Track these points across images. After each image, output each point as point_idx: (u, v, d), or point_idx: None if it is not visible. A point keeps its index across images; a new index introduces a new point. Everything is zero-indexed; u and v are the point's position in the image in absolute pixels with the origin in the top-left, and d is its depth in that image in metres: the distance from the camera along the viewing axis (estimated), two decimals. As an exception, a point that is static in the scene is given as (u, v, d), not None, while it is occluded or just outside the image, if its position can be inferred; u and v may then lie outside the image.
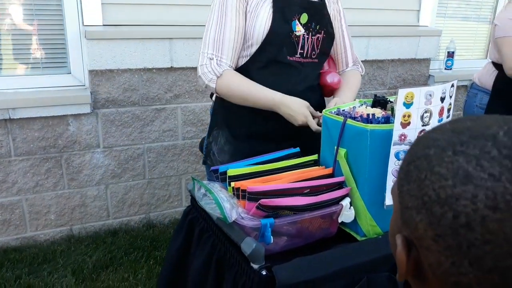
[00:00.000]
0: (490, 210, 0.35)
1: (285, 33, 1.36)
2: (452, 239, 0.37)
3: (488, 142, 0.37)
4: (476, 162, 0.37)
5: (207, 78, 1.36)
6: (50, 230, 2.43)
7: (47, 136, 2.28)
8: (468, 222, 0.36)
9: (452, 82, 1.09)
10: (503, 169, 0.35)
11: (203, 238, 1.17)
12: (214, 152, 1.49)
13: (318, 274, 0.96)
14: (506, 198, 0.35)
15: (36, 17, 2.23)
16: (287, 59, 1.39)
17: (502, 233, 0.35)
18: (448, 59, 3.21)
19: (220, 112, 1.49)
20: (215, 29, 1.35)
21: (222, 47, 1.35)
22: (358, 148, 1.08)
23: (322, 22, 1.44)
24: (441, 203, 0.38)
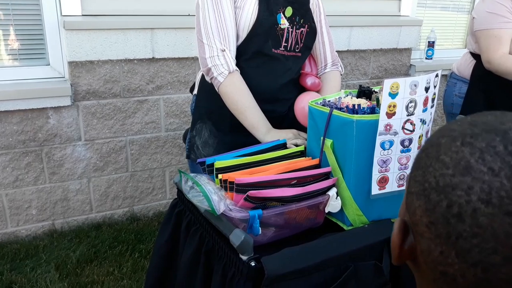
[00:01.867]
0: (483, 203, 0.35)
1: (270, 25, 1.36)
2: (443, 228, 0.38)
3: (497, 137, 0.37)
4: (479, 155, 0.37)
5: (218, 70, 1.33)
6: (31, 225, 2.39)
7: (26, 129, 2.23)
8: (459, 213, 0.36)
9: (436, 72, 1.10)
10: (504, 165, 0.35)
11: (191, 231, 1.17)
12: (198, 146, 1.48)
13: (306, 264, 0.97)
14: (501, 194, 0.35)
15: (12, 7, 2.17)
16: (272, 51, 1.39)
17: (491, 228, 0.35)
18: (429, 49, 3.25)
19: (204, 105, 1.49)
20: (215, 19, 1.32)
21: (228, 39, 1.33)
22: (344, 139, 1.09)
23: (306, 16, 1.44)
24: (439, 190, 0.38)
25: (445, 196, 0.38)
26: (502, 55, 1.90)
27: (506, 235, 0.34)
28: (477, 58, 2.06)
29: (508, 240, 0.34)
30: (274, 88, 1.43)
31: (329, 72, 1.59)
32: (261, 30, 1.35)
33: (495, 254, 0.35)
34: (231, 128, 1.44)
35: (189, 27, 2.36)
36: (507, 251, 0.34)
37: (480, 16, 1.96)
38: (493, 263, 0.35)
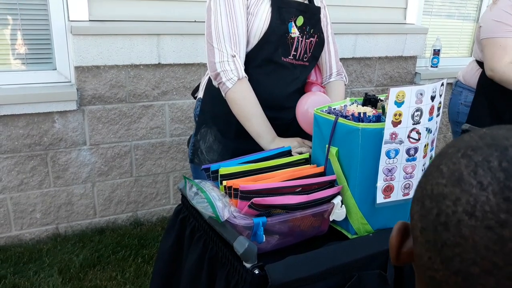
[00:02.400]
0: (467, 215, 0.36)
1: (282, 33, 1.36)
2: (432, 235, 0.39)
3: (496, 152, 0.37)
4: (472, 168, 0.37)
5: (227, 76, 1.31)
6: (35, 229, 2.40)
7: (32, 133, 2.24)
8: (446, 222, 0.38)
9: (442, 81, 1.10)
10: (493, 180, 0.36)
11: (195, 237, 1.16)
12: (203, 151, 1.48)
13: (310, 272, 0.97)
14: (485, 208, 0.35)
15: (20, 12, 2.19)
16: (282, 59, 1.39)
17: (472, 240, 0.36)
18: (434, 57, 3.25)
19: (209, 110, 1.49)
20: (227, 23, 1.31)
21: (239, 45, 1.32)
22: (350, 147, 1.09)
23: (316, 26, 1.45)
24: (432, 198, 0.40)
25: (436, 204, 0.39)
26: (507, 65, 1.90)
27: (485, 248, 0.35)
28: (483, 67, 2.05)
29: (487, 253, 0.35)
30: (281, 96, 1.43)
31: (333, 82, 1.59)
32: (272, 38, 1.35)
33: (475, 265, 0.36)
34: (236, 134, 1.44)
35: (195, 33, 2.37)
36: (486, 264, 0.35)
37: (486, 25, 1.96)
38: (472, 274, 0.36)
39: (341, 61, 2.90)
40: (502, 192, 0.35)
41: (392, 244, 0.46)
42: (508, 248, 0.34)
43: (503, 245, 0.34)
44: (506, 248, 0.34)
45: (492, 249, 0.35)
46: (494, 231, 0.35)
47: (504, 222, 0.34)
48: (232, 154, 1.42)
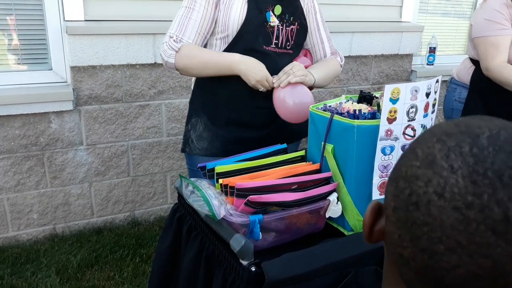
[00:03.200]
0: (436, 196, 0.38)
1: (260, 22, 1.38)
2: (403, 214, 0.41)
3: (468, 138, 0.40)
4: (445, 152, 0.40)
5: (166, 54, 1.38)
6: (32, 230, 2.39)
7: (28, 133, 2.23)
8: (416, 202, 0.40)
9: (436, 78, 1.11)
10: (463, 164, 0.38)
11: (192, 235, 1.17)
12: (193, 139, 1.50)
13: (306, 269, 0.97)
14: (453, 190, 0.38)
15: (15, 12, 2.18)
16: (263, 48, 1.41)
17: (439, 219, 0.38)
18: (430, 55, 3.26)
19: (199, 99, 1.51)
20: (183, 13, 1.39)
21: (185, 29, 1.38)
22: (345, 144, 1.09)
23: (296, 14, 1.46)
24: (405, 179, 0.42)
25: (409, 185, 0.41)
26: (500, 63, 1.92)
27: (451, 227, 0.37)
28: (476, 64, 2.06)
29: (452, 232, 0.37)
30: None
31: (327, 57, 1.61)
32: (250, 28, 1.38)
33: (440, 243, 0.38)
34: (227, 122, 1.47)
35: (191, 32, 2.37)
36: (450, 242, 0.37)
37: (478, 23, 1.97)
38: (437, 251, 0.38)
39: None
40: (471, 176, 0.37)
41: (366, 222, 0.49)
42: (472, 228, 0.36)
43: (468, 225, 0.37)
44: (470, 228, 0.37)
45: (457, 228, 0.37)
46: (460, 212, 0.37)
47: (470, 204, 0.37)
48: (222, 141, 1.47)
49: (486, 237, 0.36)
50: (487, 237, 0.36)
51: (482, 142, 0.39)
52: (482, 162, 0.38)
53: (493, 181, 0.37)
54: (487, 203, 0.36)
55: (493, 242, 0.36)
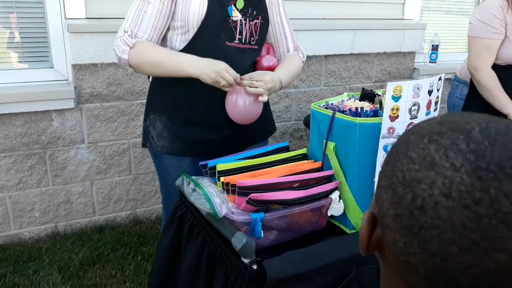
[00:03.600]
0: (444, 197, 0.38)
1: (222, 17, 1.34)
2: (407, 220, 0.40)
3: (461, 135, 0.40)
4: (443, 152, 0.39)
5: (120, 50, 1.33)
6: (34, 228, 2.40)
7: (30, 132, 2.23)
8: (422, 206, 0.39)
9: (439, 76, 1.10)
10: (465, 161, 0.38)
11: (193, 233, 1.16)
12: (153, 136, 1.47)
13: (308, 268, 0.97)
14: (460, 188, 0.37)
15: (16, 10, 2.18)
16: (226, 44, 1.36)
17: (450, 220, 0.37)
18: (433, 52, 3.24)
19: (158, 97, 1.47)
20: (137, 7, 1.34)
21: (140, 23, 1.33)
22: (347, 142, 1.09)
23: (259, 7, 1.41)
24: (405, 184, 0.41)
25: (410, 190, 0.40)
26: (489, 71, 1.95)
27: (463, 227, 0.37)
28: None
29: (465, 232, 0.37)
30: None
31: (289, 55, 1.56)
32: (212, 23, 1.33)
33: (453, 244, 0.37)
34: (186, 121, 1.43)
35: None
36: (463, 242, 0.37)
37: (474, 23, 2.00)
38: (450, 253, 0.38)
39: (339, 57, 2.90)
40: (475, 172, 0.37)
41: (363, 235, 0.48)
42: (484, 224, 0.36)
43: (480, 222, 0.36)
44: (482, 224, 0.36)
45: (470, 226, 0.37)
46: (470, 209, 0.37)
47: (479, 200, 0.37)
48: (182, 142, 1.44)
49: (499, 231, 0.36)
50: (499, 231, 0.36)
51: (476, 137, 0.39)
52: (483, 157, 0.37)
53: (497, 174, 0.37)
54: (496, 197, 0.36)
55: (506, 234, 0.36)
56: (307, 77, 2.82)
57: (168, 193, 1.56)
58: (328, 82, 2.91)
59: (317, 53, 2.76)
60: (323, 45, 2.76)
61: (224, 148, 1.42)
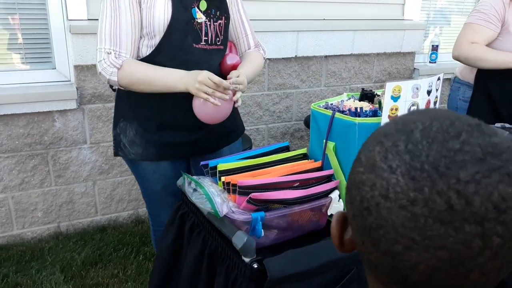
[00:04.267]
0: (383, 198, 0.39)
1: (187, 20, 1.33)
2: (360, 220, 0.41)
3: (403, 136, 0.40)
4: (383, 154, 0.40)
5: (107, 72, 1.31)
6: (37, 228, 2.41)
7: (32, 132, 2.25)
8: (367, 207, 0.40)
9: (438, 76, 1.11)
10: (401, 162, 0.39)
11: (194, 233, 1.17)
12: (125, 144, 1.45)
13: (308, 266, 0.98)
14: (396, 189, 0.38)
15: (18, 11, 2.20)
16: (193, 46, 1.36)
17: (390, 221, 0.38)
18: (433, 53, 3.25)
19: (126, 103, 1.45)
20: (110, 23, 1.31)
21: (119, 41, 1.31)
22: (347, 141, 1.10)
23: (221, 7, 1.42)
24: (355, 186, 0.42)
25: (358, 192, 0.42)
26: (473, 44, 1.91)
27: (402, 226, 0.38)
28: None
29: (404, 231, 0.38)
30: None
31: (250, 51, 1.56)
32: (178, 26, 1.32)
33: (397, 243, 0.38)
34: (158, 126, 1.41)
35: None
36: (406, 241, 0.38)
37: (471, 13, 1.99)
38: (396, 252, 0.39)
39: (339, 58, 2.91)
40: (409, 173, 0.38)
41: (334, 234, 0.49)
42: (420, 223, 0.37)
43: (417, 221, 0.37)
44: (419, 223, 0.37)
45: (408, 226, 0.38)
46: (407, 209, 0.38)
47: (414, 200, 0.37)
48: (157, 147, 1.42)
49: (436, 229, 0.37)
50: (436, 229, 0.37)
51: (416, 137, 0.39)
52: (418, 157, 0.38)
53: (430, 173, 0.37)
54: (429, 196, 0.37)
55: (443, 233, 0.37)
56: (308, 77, 2.83)
57: (151, 198, 1.55)
58: (329, 83, 2.92)
59: (317, 53, 2.77)
60: (323, 45, 2.77)
61: (199, 150, 1.44)
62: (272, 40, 2.60)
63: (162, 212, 1.50)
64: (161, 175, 1.46)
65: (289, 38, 2.65)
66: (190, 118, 1.38)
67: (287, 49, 2.66)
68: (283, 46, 2.65)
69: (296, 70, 2.78)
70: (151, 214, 1.62)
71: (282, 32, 2.62)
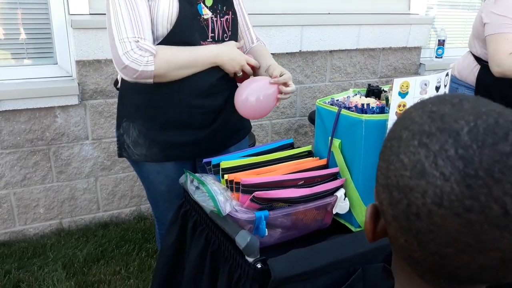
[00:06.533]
0: (436, 206, 0.39)
1: (192, 16, 1.28)
2: (405, 223, 0.42)
3: (450, 139, 0.40)
4: (432, 159, 0.40)
5: (142, 62, 1.21)
6: (39, 224, 2.40)
7: (34, 128, 2.23)
8: (417, 213, 0.40)
9: (447, 71, 1.08)
10: (454, 170, 0.39)
11: (197, 231, 1.15)
12: (129, 145, 1.40)
13: (313, 266, 0.96)
14: (451, 197, 0.38)
15: (20, 6, 2.17)
16: (201, 44, 1.31)
17: (444, 226, 0.39)
18: (439, 48, 3.21)
19: (129, 101, 1.38)
20: (128, 12, 1.22)
21: (143, 28, 1.22)
22: (353, 139, 1.07)
23: (228, 3, 1.37)
24: (399, 190, 0.42)
25: (405, 196, 0.42)
26: (510, 56, 1.80)
27: (456, 232, 0.39)
28: (482, 63, 1.97)
29: (458, 236, 0.39)
30: (207, 82, 1.34)
31: (254, 46, 1.53)
32: (185, 23, 1.27)
33: (449, 247, 0.39)
34: (163, 125, 1.36)
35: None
36: (459, 245, 0.39)
37: (491, 21, 1.85)
38: (447, 253, 0.40)
39: (344, 53, 2.88)
40: (464, 181, 0.38)
41: (367, 228, 0.49)
42: (476, 228, 0.38)
43: (472, 227, 0.38)
44: (474, 228, 0.38)
45: (463, 232, 0.38)
46: (462, 217, 0.38)
47: (470, 207, 0.38)
48: (161, 147, 1.37)
49: (491, 233, 0.38)
50: (492, 233, 0.38)
51: (465, 140, 0.39)
52: (471, 163, 0.38)
53: (486, 181, 0.37)
54: (486, 203, 0.37)
55: (498, 236, 0.38)
56: (312, 72, 2.80)
57: (156, 200, 1.51)
58: (333, 78, 2.89)
59: (322, 48, 2.73)
60: (328, 40, 2.74)
61: (204, 150, 1.38)
62: (277, 35, 2.57)
63: (168, 215, 1.42)
64: (166, 176, 1.41)
65: (294, 33, 2.62)
66: (196, 117, 1.35)
67: (291, 44, 2.63)
68: (287, 41, 2.61)
69: (300, 65, 2.75)
70: (157, 217, 1.57)
71: (287, 26, 2.59)
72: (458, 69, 2.10)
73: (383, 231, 0.48)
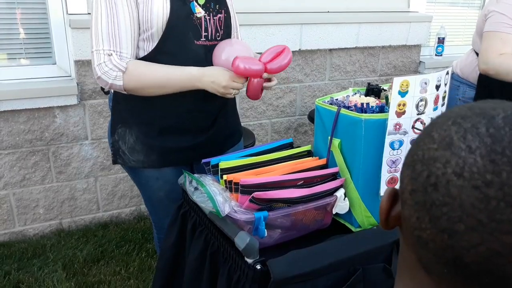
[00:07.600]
0: (456, 176, 0.39)
1: (186, 15, 1.26)
2: (422, 196, 0.42)
3: (484, 120, 0.40)
4: (462, 134, 0.40)
5: (111, 76, 1.21)
6: (39, 224, 2.40)
7: (33, 128, 2.23)
8: (435, 183, 0.40)
9: (447, 70, 1.07)
10: (481, 144, 0.39)
11: (197, 232, 1.15)
12: (125, 151, 1.37)
13: (313, 267, 0.95)
14: (472, 169, 0.38)
15: (18, 6, 2.16)
16: (195, 44, 1.29)
17: (459, 199, 0.38)
18: (439, 45, 3.20)
19: (125, 108, 1.36)
20: (107, 22, 1.20)
21: (119, 41, 1.21)
22: (352, 138, 1.06)
23: (221, 1, 1.36)
24: (423, 162, 0.42)
25: (427, 167, 0.42)
26: (503, 55, 1.78)
27: (471, 206, 0.38)
28: None
29: (472, 211, 0.38)
30: None
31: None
32: (178, 22, 1.25)
33: (460, 222, 0.39)
34: (160, 131, 1.34)
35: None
36: (471, 221, 0.38)
37: (492, 18, 1.83)
38: (457, 231, 0.39)
39: (344, 51, 2.87)
40: (489, 155, 0.38)
41: (382, 209, 0.49)
42: (492, 205, 0.37)
43: (488, 203, 0.37)
44: (490, 205, 0.37)
45: (478, 207, 0.38)
46: (480, 190, 0.38)
47: (490, 182, 0.37)
48: (158, 153, 1.36)
49: (507, 214, 0.37)
50: (507, 214, 0.37)
51: (498, 122, 0.40)
52: (500, 141, 0.38)
53: (511, 159, 0.37)
54: (506, 181, 0.37)
55: None
56: (312, 71, 2.79)
57: (154, 206, 1.48)
58: (333, 76, 2.88)
59: (321, 46, 2.72)
60: (328, 38, 2.73)
61: (202, 154, 1.35)
62: (276, 33, 2.56)
63: (166, 219, 1.40)
64: (164, 182, 1.40)
65: (293, 31, 2.61)
66: (196, 121, 1.33)
67: (290, 42, 2.62)
68: (287, 40, 2.60)
69: (300, 63, 2.74)
70: (155, 222, 1.56)
71: (286, 25, 2.58)
72: (460, 67, 2.09)
73: (397, 218, 0.48)
